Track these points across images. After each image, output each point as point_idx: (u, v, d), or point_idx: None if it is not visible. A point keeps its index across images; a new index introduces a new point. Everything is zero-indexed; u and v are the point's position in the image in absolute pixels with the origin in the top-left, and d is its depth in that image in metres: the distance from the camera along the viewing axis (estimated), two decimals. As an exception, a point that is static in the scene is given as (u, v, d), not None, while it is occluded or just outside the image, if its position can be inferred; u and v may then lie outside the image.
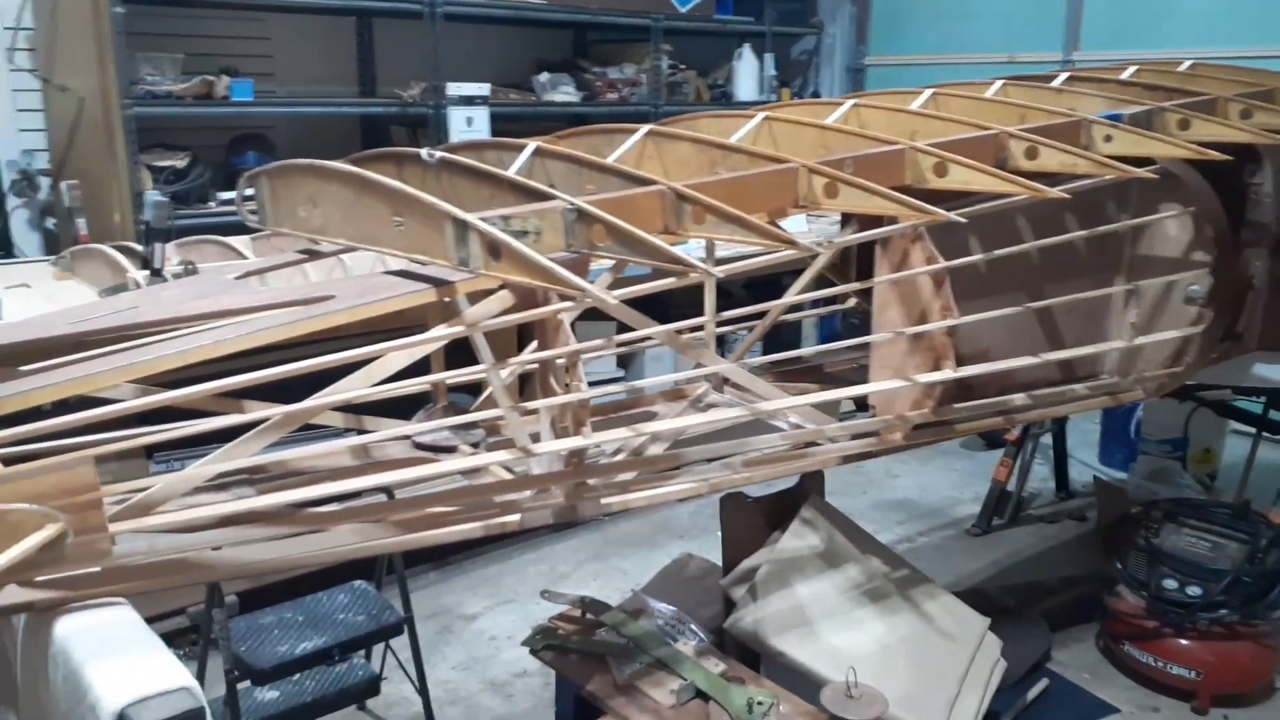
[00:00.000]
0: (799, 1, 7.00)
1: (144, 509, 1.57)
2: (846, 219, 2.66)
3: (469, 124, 4.98)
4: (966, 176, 1.98)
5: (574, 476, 1.96)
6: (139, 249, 3.12)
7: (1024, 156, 2.14)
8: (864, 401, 2.46)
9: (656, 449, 2.20)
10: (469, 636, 3.69)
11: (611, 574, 4.14)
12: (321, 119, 5.35)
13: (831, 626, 2.40)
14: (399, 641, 2.91)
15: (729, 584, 2.53)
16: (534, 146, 2.02)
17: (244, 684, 2.56)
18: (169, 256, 2.92)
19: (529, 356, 2.18)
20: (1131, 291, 2.60)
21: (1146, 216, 2.57)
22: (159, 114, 4.32)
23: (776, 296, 2.72)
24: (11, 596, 1.45)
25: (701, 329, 2.65)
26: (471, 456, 2.08)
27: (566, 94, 5.64)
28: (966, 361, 2.29)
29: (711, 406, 2.56)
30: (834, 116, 2.46)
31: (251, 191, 2.07)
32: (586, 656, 2.37)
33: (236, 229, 2.93)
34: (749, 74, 6.44)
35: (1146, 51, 4.88)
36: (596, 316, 2.53)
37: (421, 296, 1.73)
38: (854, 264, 2.79)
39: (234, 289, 1.99)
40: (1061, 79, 2.89)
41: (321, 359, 1.63)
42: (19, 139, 4.62)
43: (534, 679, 3.38)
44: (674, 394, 2.66)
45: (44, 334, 1.71)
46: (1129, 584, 3.38)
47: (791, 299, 2.66)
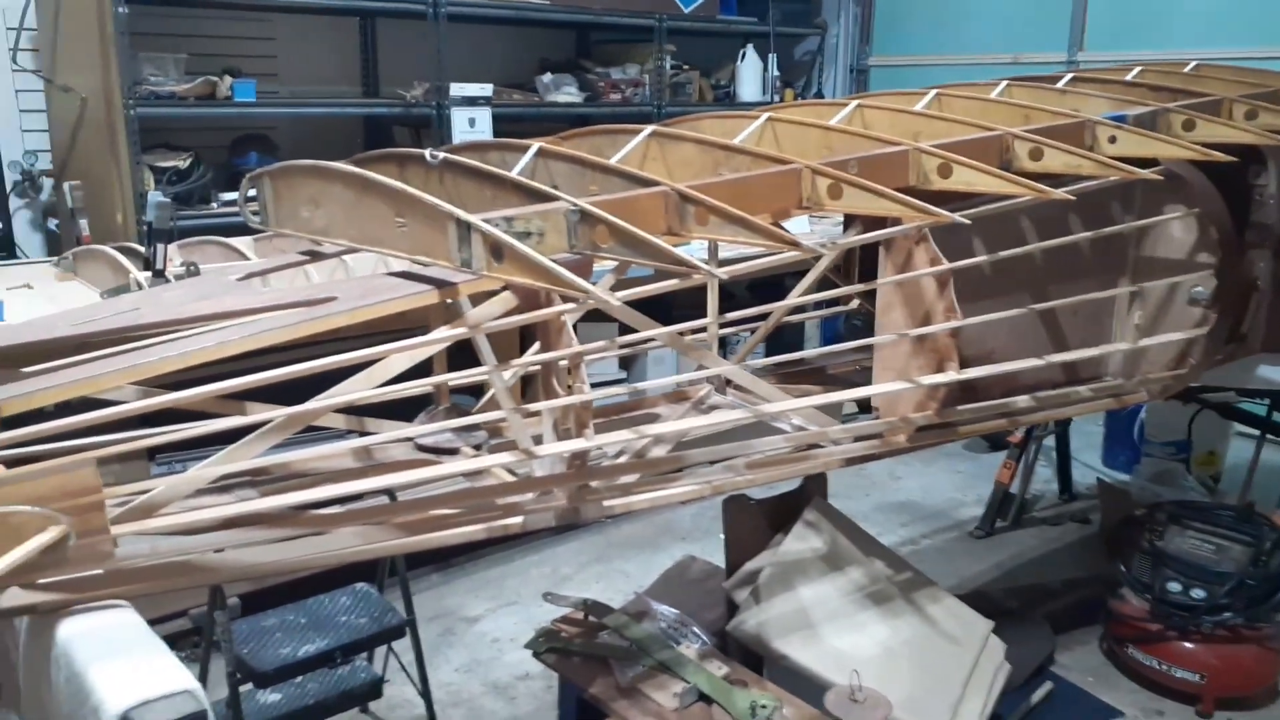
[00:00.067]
0: (802, 2, 6.99)
1: (146, 511, 1.56)
2: (850, 220, 2.65)
3: (472, 124, 4.97)
4: (970, 178, 1.98)
5: (576, 478, 1.95)
6: (141, 250, 3.12)
7: (1028, 158, 2.13)
8: (867, 403, 2.45)
9: (659, 451, 2.19)
10: (471, 639, 3.68)
11: (614, 576, 4.13)
12: (324, 120, 5.36)
13: (835, 629, 2.39)
14: (401, 644, 2.91)
15: (732, 586, 2.52)
16: (537, 147, 2.02)
17: (246, 686, 2.56)
18: (171, 257, 2.91)
19: (531, 358, 2.18)
20: (1136, 293, 2.60)
21: (1151, 218, 2.56)
22: (161, 114, 4.33)
23: (779, 298, 2.71)
24: (14, 599, 1.45)
25: (704, 330, 2.65)
26: (474, 458, 2.08)
27: (569, 95, 5.63)
28: (970, 363, 2.29)
29: (714, 408, 2.55)
30: (838, 117, 2.45)
31: (254, 192, 2.06)
32: (589, 659, 2.36)
33: (239, 230, 2.94)
34: (752, 74, 6.44)
35: (1151, 52, 4.90)
36: (599, 318, 2.53)
37: (424, 298, 1.73)
38: (857, 265, 2.79)
39: (236, 290, 1.99)
40: (1066, 80, 2.89)
41: (324, 361, 1.63)
42: (22, 139, 4.63)
43: (536, 681, 3.38)
44: (676, 396, 2.66)
45: (46, 335, 1.71)
46: (1133, 587, 3.37)
47: (794, 300, 2.65)
